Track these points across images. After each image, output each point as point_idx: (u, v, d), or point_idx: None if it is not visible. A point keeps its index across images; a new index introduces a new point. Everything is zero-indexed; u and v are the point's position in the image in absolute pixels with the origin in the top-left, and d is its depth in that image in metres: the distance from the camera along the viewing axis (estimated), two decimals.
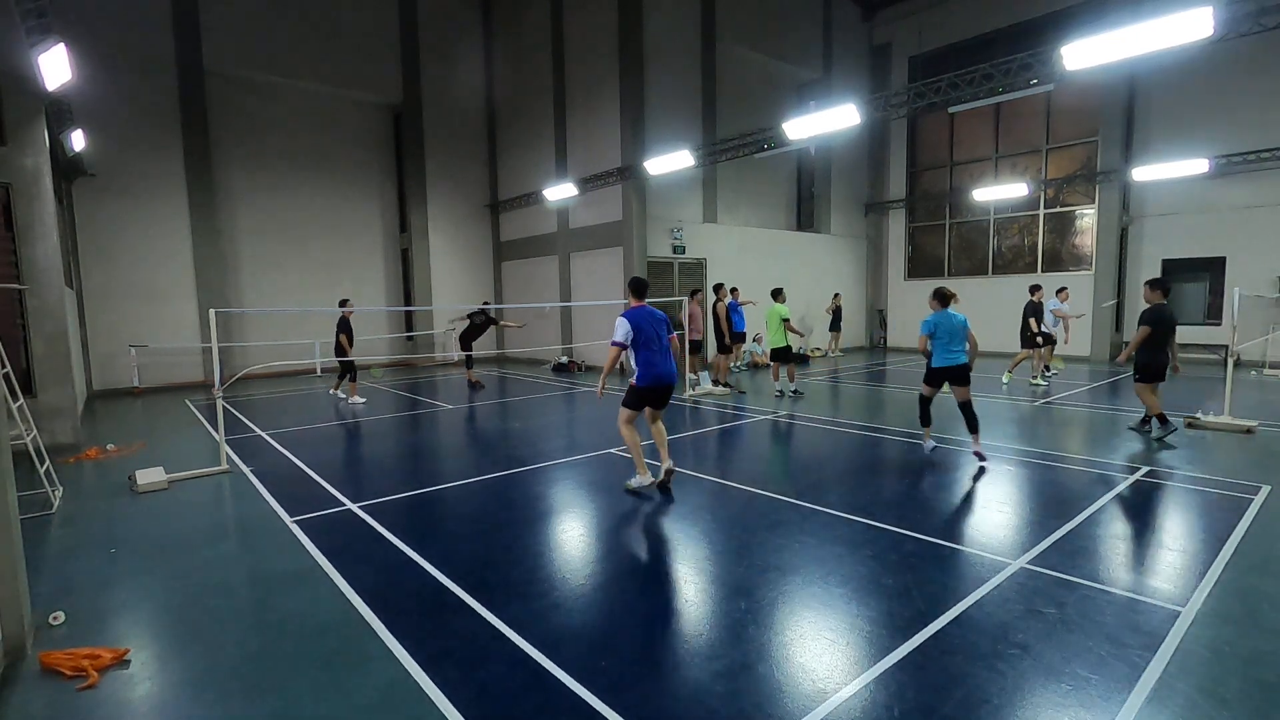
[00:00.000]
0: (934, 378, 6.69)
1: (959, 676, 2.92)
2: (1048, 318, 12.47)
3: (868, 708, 2.72)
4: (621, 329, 5.80)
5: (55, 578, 4.23)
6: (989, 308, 16.79)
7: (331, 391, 12.00)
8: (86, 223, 13.14)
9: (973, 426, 6.56)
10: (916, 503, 5.41)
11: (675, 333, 6.06)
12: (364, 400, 11.40)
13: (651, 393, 5.89)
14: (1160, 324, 7.29)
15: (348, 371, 11.41)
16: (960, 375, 6.55)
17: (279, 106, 15.97)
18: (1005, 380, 12.02)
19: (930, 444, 6.97)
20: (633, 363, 5.92)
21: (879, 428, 8.37)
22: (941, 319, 6.54)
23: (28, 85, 7.61)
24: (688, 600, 3.78)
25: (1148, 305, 7.52)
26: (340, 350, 11.14)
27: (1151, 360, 7.40)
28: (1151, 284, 7.54)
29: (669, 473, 5.82)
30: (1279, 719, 2.63)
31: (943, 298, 6.66)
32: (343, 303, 11.29)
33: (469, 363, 13.23)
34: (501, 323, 14.56)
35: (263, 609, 3.77)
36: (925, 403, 6.94)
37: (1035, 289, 11.94)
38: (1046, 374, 12.65)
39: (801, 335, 11.48)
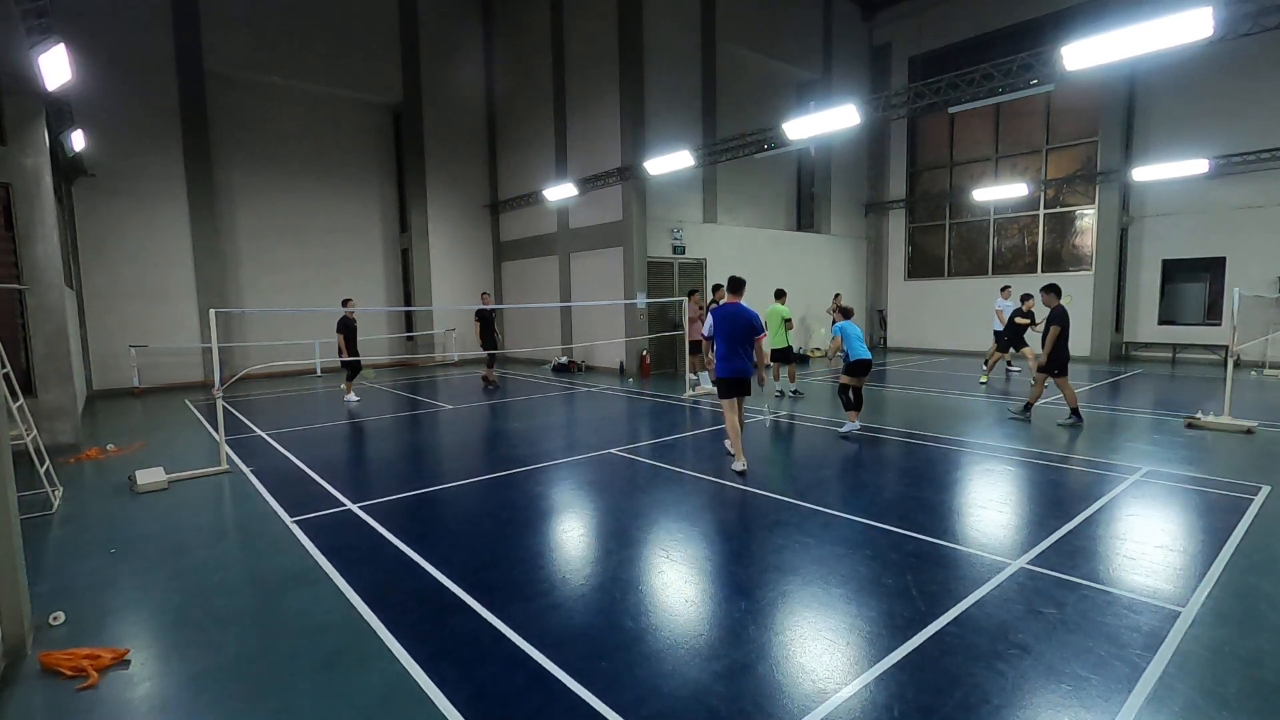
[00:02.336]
0: (853, 369, 8.00)
1: (959, 677, 2.92)
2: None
3: (868, 708, 2.72)
4: (707, 324, 7.02)
5: (55, 578, 4.23)
6: (990, 308, 16.77)
7: (345, 397, 11.89)
8: (86, 223, 13.14)
9: (857, 405, 8.03)
10: (916, 502, 5.41)
11: (761, 334, 6.53)
12: (359, 399, 11.43)
13: (724, 383, 6.53)
14: (1067, 322, 8.34)
15: (349, 369, 11.50)
16: (866, 368, 8.04)
17: (279, 106, 15.97)
18: (983, 380, 12.17)
19: (855, 425, 7.95)
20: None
21: (879, 428, 8.37)
22: (847, 326, 8.14)
23: (28, 85, 7.60)
24: (688, 600, 3.78)
25: (1049, 309, 8.43)
26: (341, 350, 11.33)
27: (1063, 355, 8.31)
28: (1048, 289, 8.55)
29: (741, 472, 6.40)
30: None
31: (844, 312, 8.54)
32: (345, 302, 11.48)
33: (491, 361, 13.21)
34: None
35: (263, 609, 3.76)
36: (844, 391, 8.10)
37: (1032, 295, 12.05)
38: (985, 370, 12.75)
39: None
